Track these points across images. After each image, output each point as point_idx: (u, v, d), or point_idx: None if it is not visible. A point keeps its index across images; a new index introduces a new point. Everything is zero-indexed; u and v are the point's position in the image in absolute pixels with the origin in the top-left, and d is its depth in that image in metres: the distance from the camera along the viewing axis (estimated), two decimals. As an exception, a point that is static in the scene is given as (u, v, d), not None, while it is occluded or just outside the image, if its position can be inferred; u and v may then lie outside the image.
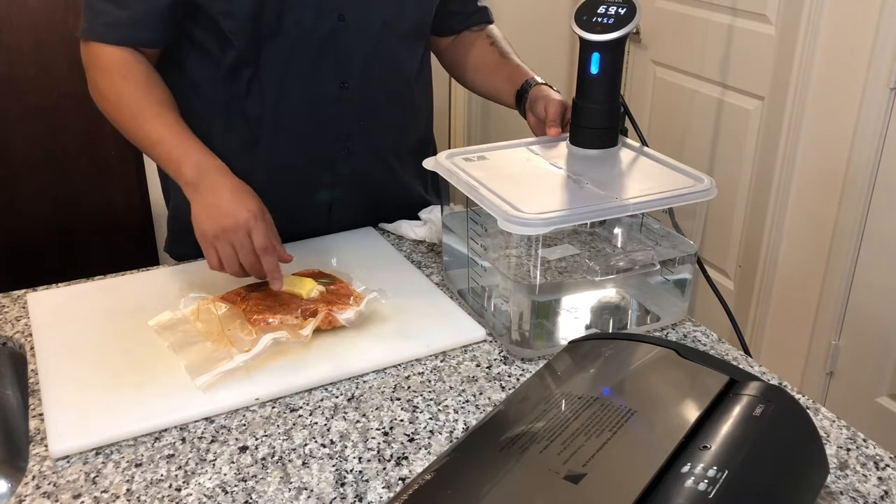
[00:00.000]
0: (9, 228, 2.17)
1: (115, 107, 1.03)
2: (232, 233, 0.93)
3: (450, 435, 0.79)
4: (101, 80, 1.04)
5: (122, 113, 1.03)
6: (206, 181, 0.97)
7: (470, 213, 0.96)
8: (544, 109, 1.09)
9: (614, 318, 0.99)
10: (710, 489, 0.53)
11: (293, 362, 0.88)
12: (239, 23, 1.02)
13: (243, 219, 0.93)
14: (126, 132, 1.04)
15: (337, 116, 1.12)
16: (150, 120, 1.01)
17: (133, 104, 1.02)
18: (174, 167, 0.99)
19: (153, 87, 1.04)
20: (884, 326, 1.87)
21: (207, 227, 0.94)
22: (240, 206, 0.94)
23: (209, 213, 0.94)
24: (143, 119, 1.01)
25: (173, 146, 0.99)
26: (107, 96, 1.04)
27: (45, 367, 0.87)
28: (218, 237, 0.93)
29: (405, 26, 1.13)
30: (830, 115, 1.90)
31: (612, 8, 0.98)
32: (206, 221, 0.94)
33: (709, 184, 0.92)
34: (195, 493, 0.71)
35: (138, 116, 1.02)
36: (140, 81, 1.03)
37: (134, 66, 1.03)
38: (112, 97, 1.03)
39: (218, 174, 0.97)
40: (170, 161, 1.00)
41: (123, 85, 1.02)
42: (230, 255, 0.94)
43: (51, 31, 2.05)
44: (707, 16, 2.21)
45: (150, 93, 1.03)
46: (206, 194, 0.96)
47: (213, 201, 0.95)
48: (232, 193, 0.95)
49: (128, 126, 1.03)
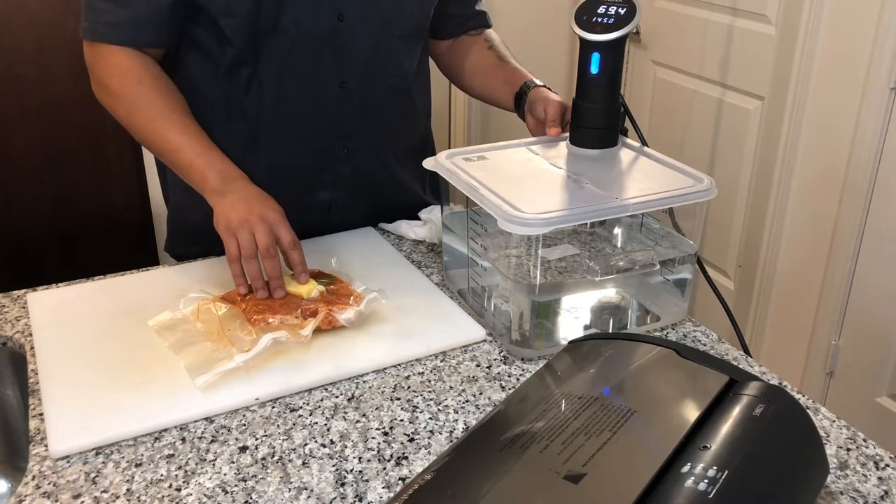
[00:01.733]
0: (9, 228, 2.17)
1: (129, 110, 1.04)
2: (256, 224, 0.95)
3: (450, 435, 0.79)
4: (112, 83, 1.04)
5: (138, 117, 1.04)
6: (232, 188, 0.99)
7: (470, 213, 0.96)
8: (544, 110, 1.09)
9: (614, 318, 0.99)
10: (710, 489, 0.53)
11: (293, 362, 0.88)
12: (238, 21, 1.02)
13: (270, 217, 0.97)
14: (140, 136, 1.05)
15: (336, 116, 1.12)
16: (170, 127, 1.02)
17: (151, 110, 1.03)
18: (197, 175, 1.01)
19: (170, 92, 1.05)
20: (884, 326, 1.87)
21: (233, 218, 0.96)
22: (267, 207, 0.98)
23: (237, 208, 0.97)
24: (161, 126, 1.03)
25: (196, 154, 1.01)
26: (121, 99, 1.04)
27: (45, 367, 0.87)
28: (242, 225, 0.95)
29: (404, 26, 1.13)
30: (830, 115, 1.90)
31: (612, 8, 0.98)
32: (232, 214, 0.96)
33: (709, 184, 0.92)
34: (195, 493, 0.71)
35: (156, 122, 1.03)
36: (157, 87, 1.04)
37: (149, 71, 1.04)
38: (127, 101, 1.04)
39: (243, 183, 1.01)
40: (192, 169, 1.02)
41: (140, 90, 1.03)
42: (248, 240, 0.95)
43: (51, 31, 2.05)
44: (707, 16, 2.21)
45: (167, 99, 1.04)
46: (232, 197, 0.99)
47: (242, 200, 0.98)
48: (259, 197, 0.99)
49: (144, 130, 1.04)
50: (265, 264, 0.95)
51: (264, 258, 0.95)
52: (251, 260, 0.95)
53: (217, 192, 0.99)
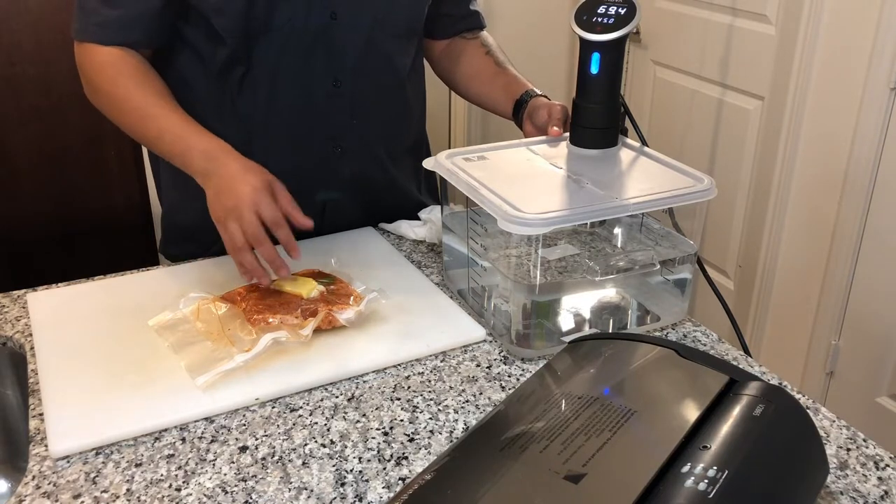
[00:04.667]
0: (9, 228, 2.17)
1: (113, 104, 1.04)
2: (236, 210, 0.92)
3: (450, 435, 0.79)
4: (95, 80, 1.04)
5: (121, 110, 1.03)
6: (215, 167, 0.97)
7: (470, 213, 0.96)
8: (547, 114, 1.09)
9: (614, 318, 0.99)
10: (710, 489, 0.53)
11: (293, 362, 0.88)
12: (230, 20, 1.02)
13: (247, 196, 0.92)
14: (127, 129, 1.04)
15: (329, 115, 1.12)
16: (150, 114, 1.01)
17: (131, 100, 1.02)
18: (182, 159, 1.00)
19: (148, 79, 1.04)
20: (884, 326, 1.87)
21: (217, 210, 0.95)
22: (243, 184, 0.93)
23: (218, 196, 0.95)
24: (143, 114, 1.01)
25: (177, 137, 0.99)
26: (104, 95, 1.04)
27: (45, 367, 0.87)
28: (228, 216, 0.93)
29: (397, 25, 1.13)
30: (830, 115, 1.90)
31: (612, 8, 0.98)
32: (215, 205, 0.95)
33: (709, 184, 0.92)
34: (195, 493, 0.71)
35: (137, 111, 1.02)
36: (134, 76, 1.03)
37: (126, 62, 1.03)
38: (109, 95, 1.03)
39: (225, 157, 0.97)
40: (175, 154, 1.00)
41: (118, 81, 1.02)
42: (235, 231, 0.92)
43: (51, 31, 2.05)
44: (707, 16, 2.21)
45: (145, 86, 1.03)
46: (216, 179, 0.96)
47: (221, 184, 0.95)
48: (238, 173, 0.95)
49: (128, 122, 1.03)
50: (258, 250, 0.93)
51: (255, 245, 0.93)
52: (242, 252, 0.93)
53: (203, 174, 0.97)
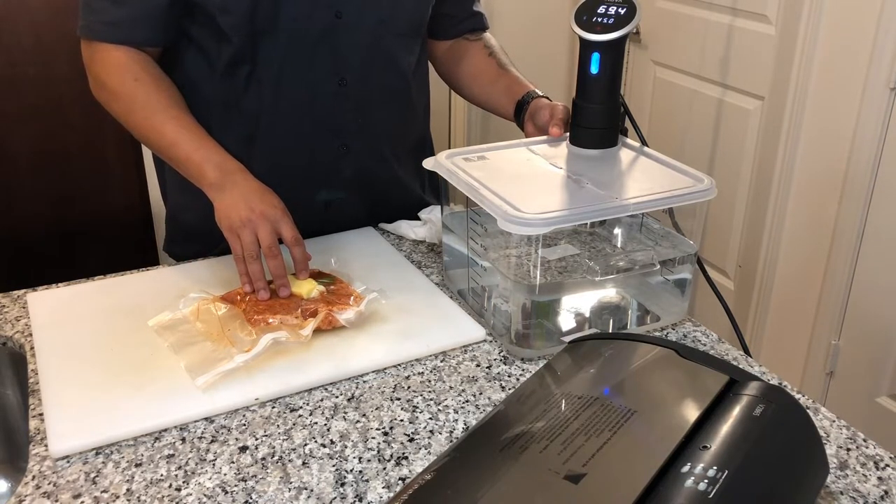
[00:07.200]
0: (9, 228, 2.17)
1: (126, 107, 1.04)
2: (259, 222, 0.95)
3: (450, 435, 0.79)
4: (109, 80, 1.04)
5: (135, 114, 1.04)
6: (231, 182, 0.99)
7: (470, 213, 0.96)
8: (549, 114, 1.09)
9: (614, 318, 0.99)
10: (710, 489, 0.53)
11: (293, 362, 0.88)
12: (235, 18, 1.02)
13: (271, 213, 0.96)
14: (138, 132, 1.05)
15: (334, 113, 1.12)
16: (167, 122, 1.02)
17: (147, 106, 1.03)
18: (195, 169, 1.01)
19: (166, 88, 1.05)
20: (884, 326, 1.87)
21: (235, 217, 0.96)
22: (267, 204, 0.97)
23: (238, 206, 0.96)
24: (159, 121, 1.02)
25: (193, 148, 1.01)
26: (117, 97, 1.04)
27: (45, 367, 0.87)
28: (245, 225, 0.95)
29: (401, 24, 1.13)
30: (830, 115, 1.90)
31: (612, 8, 0.98)
32: (234, 212, 0.96)
33: (709, 184, 0.92)
34: (195, 493, 0.71)
35: (153, 118, 1.03)
36: (153, 84, 1.04)
37: (145, 68, 1.04)
38: (124, 98, 1.04)
39: (241, 176, 1.00)
40: (189, 163, 1.01)
41: (137, 87, 1.03)
42: (251, 240, 0.95)
43: (51, 30, 2.05)
44: (707, 16, 2.21)
45: (163, 95, 1.04)
46: (233, 190, 0.98)
47: (242, 197, 0.97)
48: (259, 192, 0.98)
49: (141, 127, 1.04)
50: (269, 264, 0.95)
51: (268, 258, 0.95)
52: (254, 260, 0.95)
53: (215, 187, 0.99)
